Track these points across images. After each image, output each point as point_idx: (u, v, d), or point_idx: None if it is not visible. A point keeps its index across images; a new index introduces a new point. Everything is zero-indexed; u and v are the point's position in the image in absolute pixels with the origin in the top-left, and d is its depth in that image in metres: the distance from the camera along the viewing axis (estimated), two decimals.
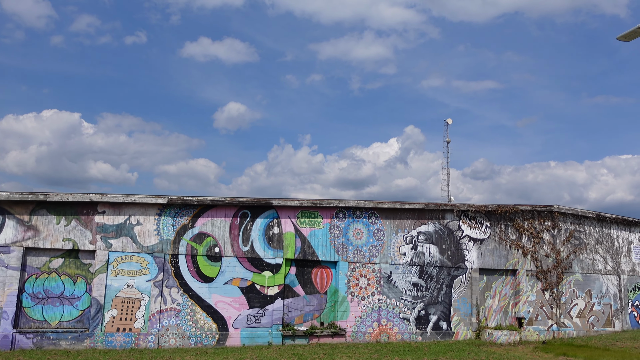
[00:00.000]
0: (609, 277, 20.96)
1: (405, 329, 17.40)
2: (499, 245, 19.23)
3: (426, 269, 18.01)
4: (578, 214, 20.65)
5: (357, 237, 17.37)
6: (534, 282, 19.51)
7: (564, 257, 20.17)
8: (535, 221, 19.95)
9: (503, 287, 19.28)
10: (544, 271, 19.68)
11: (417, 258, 17.95)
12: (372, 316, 17.09)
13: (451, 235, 18.58)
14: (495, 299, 19.07)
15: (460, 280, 18.42)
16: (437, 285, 18.08)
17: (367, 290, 17.18)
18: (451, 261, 18.38)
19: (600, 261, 20.90)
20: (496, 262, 19.08)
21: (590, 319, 20.26)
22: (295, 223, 16.69)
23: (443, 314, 18.00)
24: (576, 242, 20.59)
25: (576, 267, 20.37)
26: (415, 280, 17.83)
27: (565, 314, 19.83)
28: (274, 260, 16.26)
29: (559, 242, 20.23)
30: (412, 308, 17.63)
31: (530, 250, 19.62)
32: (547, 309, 19.52)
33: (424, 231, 18.24)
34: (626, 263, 21.43)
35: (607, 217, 21.22)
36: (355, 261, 17.18)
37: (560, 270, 19.99)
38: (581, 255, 20.55)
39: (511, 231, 19.52)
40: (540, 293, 19.54)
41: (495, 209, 19.22)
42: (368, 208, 17.63)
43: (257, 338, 15.68)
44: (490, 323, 18.80)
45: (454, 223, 18.69)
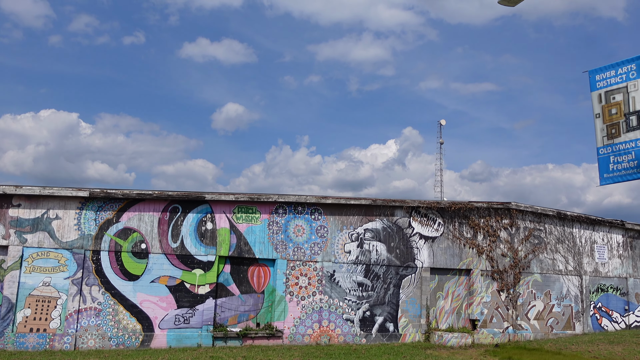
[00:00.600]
0: (570, 277, 20.15)
1: (348, 330, 16.56)
2: (453, 243, 18.41)
3: (373, 268, 17.18)
4: (538, 212, 19.84)
5: (299, 234, 16.53)
6: (489, 283, 18.69)
7: (522, 257, 19.35)
8: (492, 219, 19.14)
9: (456, 287, 18.45)
10: (500, 271, 18.86)
11: (363, 256, 17.12)
12: (312, 317, 16.24)
13: (401, 232, 17.75)
14: (448, 300, 18.25)
15: (409, 280, 17.59)
16: (384, 285, 17.25)
17: (308, 289, 16.34)
18: (400, 260, 17.55)
19: (561, 261, 20.09)
20: (449, 261, 18.26)
21: (549, 321, 19.44)
22: (230, 218, 15.84)
23: (390, 315, 17.16)
24: (536, 241, 19.77)
25: (535, 267, 19.55)
26: (360, 279, 16.99)
27: (523, 315, 19.01)
28: (205, 257, 15.41)
29: (517, 241, 19.42)
30: (357, 309, 16.79)
31: (486, 249, 18.81)
32: (502, 311, 18.69)
33: (371, 228, 17.41)
34: (589, 263, 20.62)
35: (569, 215, 20.41)
36: (296, 259, 16.34)
37: (518, 270, 19.17)
38: (541, 254, 19.74)
39: (466, 229, 18.70)
40: (495, 294, 18.72)
41: (449, 205, 18.40)
42: (310, 204, 16.80)
43: (186, 339, 14.82)
44: (441, 325, 17.97)
45: (404, 220, 17.86)
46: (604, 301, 20.62)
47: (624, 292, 21.04)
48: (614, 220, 21.30)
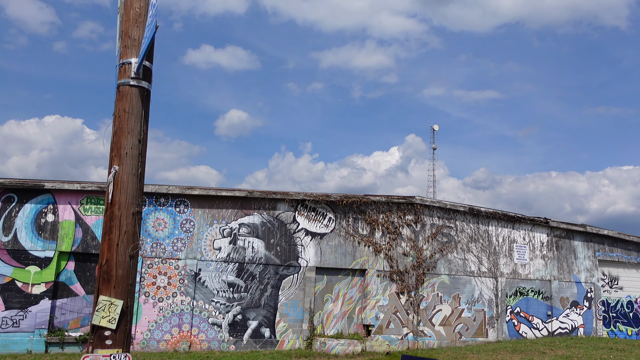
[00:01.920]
0: (483, 279, 18.38)
1: (214, 336, 14.87)
2: (345, 241, 16.72)
3: (247, 267, 15.51)
4: (447, 207, 18.13)
5: (159, 228, 14.89)
6: (387, 284, 16.97)
7: (428, 256, 17.63)
8: (393, 215, 17.44)
9: (348, 289, 16.74)
10: (400, 272, 17.14)
11: (237, 254, 15.45)
12: (171, 321, 14.56)
13: (283, 228, 16.08)
14: (338, 303, 16.53)
15: (290, 281, 15.90)
16: (260, 285, 15.56)
17: (167, 290, 14.68)
18: (280, 258, 15.87)
19: (474, 262, 18.34)
20: (340, 260, 16.57)
21: (457, 327, 17.66)
22: (77, 210, 14.22)
23: (266, 320, 15.46)
24: (444, 239, 18.05)
25: (442, 267, 17.82)
26: (231, 279, 15.31)
27: (426, 321, 17.25)
28: (43, 253, 13.78)
29: (423, 239, 17.70)
30: (226, 312, 15.10)
31: (385, 247, 17.10)
32: (402, 315, 16.96)
33: (248, 223, 15.75)
34: (506, 264, 18.85)
35: (483, 211, 18.68)
36: (153, 256, 14.69)
37: (422, 271, 17.44)
38: (450, 254, 18.00)
39: (362, 225, 17.02)
40: (394, 297, 17.00)
41: (340, 199, 16.72)
42: (175, 195, 15.17)
43: (13, 345, 13.17)
44: (329, 330, 16.25)
45: (287, 214, 16.20)
46: (523, 306, 18.83)
47: (547, 296, 19.25)
48: (536, 218, 19.55)
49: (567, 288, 19.63)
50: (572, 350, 15.67)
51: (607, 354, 15.33)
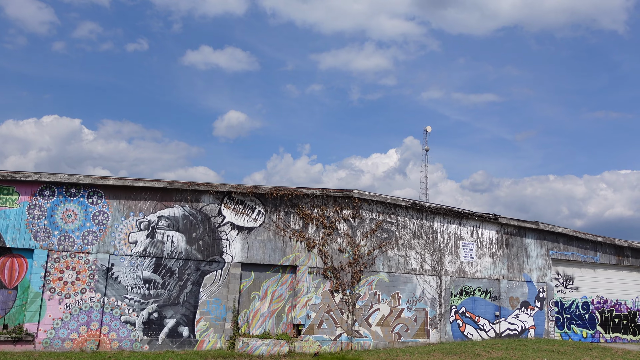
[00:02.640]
0: (426, 278, 17.53)
1: (127, 335, 14.00)
2: (275, 235, 15.87)
3: (166, 262, 14.66)
4: (387, 202, 17.28)
5: (69, 220, 14.04)
6: (320, 282, 16.12)
7: (366, 253, 16.78)
8: (329, 209, 16.60)
9: (278, 286, 15.88)
10: (334, 269, 16.29)
11: (154, 248, 14.60)
12: (79, 318, 13.71)
13: (207, 221, 15.24)
14: (266, 301, 15.67)
15: (213, 277, 15.05)
16: (179, 282, 14.71)
17: (76, 286, 13.82)
18: (203, 253, 15.02)
19: (416, 259, 17.49)
20: (269, 256, 15.72)
21: (396, 327, 16.80)
22: None
23: (185, 318, 14.61)
24: (385, 235, 17.20)
25: (381, 265, 16.96)
26: (148, 275, 14.46)
27: (362, 321, 16.40)
28: None
29: (361, 235, 16.86)
30: (140, 310, 14.25)
31: (319, 243, 16.26)
32: (336, 315, 16.10)
33: (168, 216, 14.91)
34: (452, 262, 17.99)
35: (427, 206, 17.83)
36: (61, 249, 13.84)
37: (359, 268, 16.59)
38: (390, 251, 17.16)
39: (294, 219, 16.17)
40: (328, 295, 16.15)
41: (270, 191, 15.88)
42: (87, 185, 14.32)
43: None
44: (255, 330, 15.39)
45: (212, 207, 15.36)
46: (469, 306, 17.96)
47: (495, 295, 18.39)
48: (485, 214, 18.70)
49: (517, 287, 18.78)
50: (509, 353, 14.82)
51: (544, 356, 14.48)
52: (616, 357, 14.82)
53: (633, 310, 20.82)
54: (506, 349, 15.48)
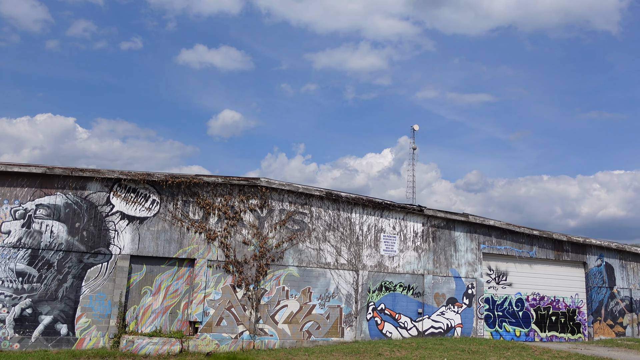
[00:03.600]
0: (341, 272, 16.47)
1: None
2: (172, 226, 14.78)
3: (43, 254, 13.54)
4: (299, 191, 16.21)
5: None
6: (220, 276, 15.04)
7: (274, 246, 15.71)
8: (234, 198, 15.52)
9: (173, 281, 14.79)
10: (237, 262, 15.21)
11: (30, 239, 13.48)
12: None
13: (93, 210, 14.13)
14: (159, 296, 14.57)
15: (98, 270, 13.94)
16: (58, 275, 13.59)
17: None
18: (87, 245, 13.92)
19: (331, 252, 16.42)
20: (164, 248, 14.63)
21: (306, 325, 15.74)
22: None
23: (64, 314, 13.49)
24: (296, 227, 16.13)
25: (291, 258, 15.90)
26: (22, 267, 13.34)
27: (267, 318, 15.32)
28: None
29: (269, 226, 15.78)
30: (12, 305, 13.13)
31: (221, 234, 15.17)
32: (238, 311, 15.03)
33: (47, 204, 13.79)
34: (371, 256, 16.93)
35: (344, 197, 16.76)
36: None
37: (265, 262, 15.52)
38: (302, 243, 16.09)
39: (194, 209, 15.08)
40: (229, 290, 15.07)
41: (165, 179, 14.78)
42: None
43: None
44: (145, 328, 14.29)
45: (100, 195, 14.25)
46: (389, 302, 16.91)
47: (419, 291, 17.34)
48: (408, 205, 17.65)
49: (443, 283, 17.74)
50: (413, 353, 13.77)
51: (453, 356, 13.44)
52: (531, 356, 13.78)
53: (572, 308, 19.83)
54: (415, 348, 14.44)
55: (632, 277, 21.25)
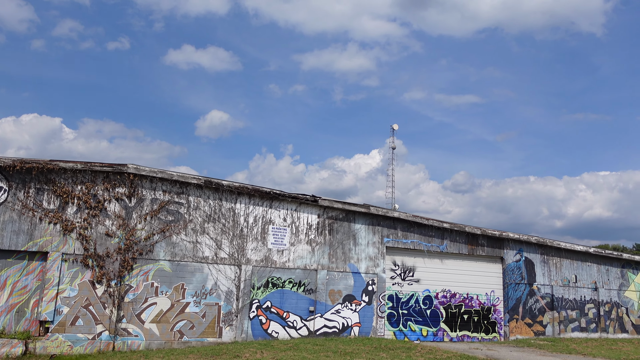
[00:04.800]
0: (221, 267, 15.17)
1: None
2: (21, 216, 13.41)
3: None
4: (174, 179, 14.91)
5: None
6: (77, 271, 13.69)
7: (143, 238, 14.38)
8: (97, 186, 14.18)
9: (22, 276, 13.41)
10: (98, 256, 13.86)
11: None
12: None
13: None
14: (4, 293, 13.19)
15: None
16: None
17: None
18: None
19: (210, 246, 15.13)
20: (10, 240, 13.26)
21: (178, 325, 14.41)
22: None
23: None
24: (170, 217, 14.82)
25: (163, 252, 14.58)
26: None
27: (132, 317, 13.98)
28: None
29: (138, 217, 14.46)
30: None
31: (80, 225, 13.82)
32: (98, 310, 13.67)
33: None
34: (257, 250, 15.65)
35: (226, 185, 15.49)
36: None
37: (131, 256, 14.19)
38: (176, 236, 14.78)
39: (49, 198, 13.72)
40: (88, 286, 13.72)
41: (13, 163, 13.41)
42: None
43: None
44: None
45: None
46: (277, 300, 15.64)
47: (311, 288, 16.09)
48: (301, 195, 16.40)
49: (340, 279, 16.49)
50: (280, 354, 12.49)
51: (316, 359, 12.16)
52: (408, 357, 12.55)
53: (487, 306, 18.67)
54: (286, 349, 13.16)
55: (555, 273, 20.16)
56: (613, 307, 21.27)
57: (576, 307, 20.40)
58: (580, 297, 20.58)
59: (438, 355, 12.94)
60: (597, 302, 20.92)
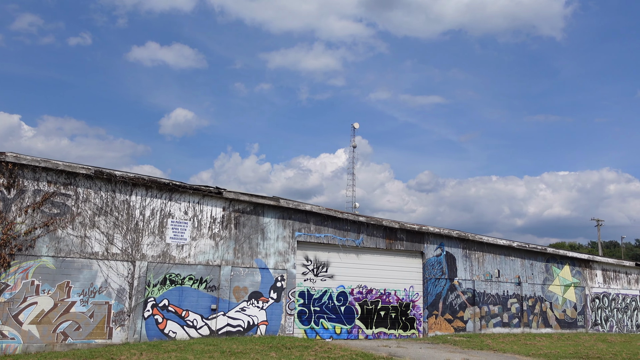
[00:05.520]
0: (113, 264, 14.18)
1: None
2: None
3: None
4: (59, 169, 13.84)
5: None
6: None
7: (22, 232, 13.27)
8: None
9: None
10: None
11: None
12: None
13: None
14: None
15: None
16: None
17: None
18: None
19: (100, 240, 14.12)
20: None
21: (61, 326, 13.36)
22: None
23: None
24: (55, 210, 13.74)
25: (45, 247, 13.50)
26: None
27: (8, 318, 12.87)
28: None
29: (18, 210, 13.34)
30: None
31: None
32: None
33: None
34: (153, 245, 14.72)
35: (120, 176, 14.51)
36: None
37: (8, 252, 13.07)
38: (62, 230, 13.72)
39: None
40: None
41: None
42: None
43: None
44: None
45: None
46: (175, 298, 14.74)
47: (214, 285, 15.25)
48: (203, 187, 15.54)
49: (246, 275, 15.70)
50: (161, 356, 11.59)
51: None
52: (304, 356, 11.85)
53: (405, 302, 18.16)
54: (173, 350, 12.30)
55: (477, 267, 19.83)
56: (537, 301, 21.10)
57: (499, 302, 20.12)
58: (503, 291, 20.31)
59: (333, 354, 12.28)
60: (520, 297, 20.71)
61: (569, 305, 22.00)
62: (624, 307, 23.84)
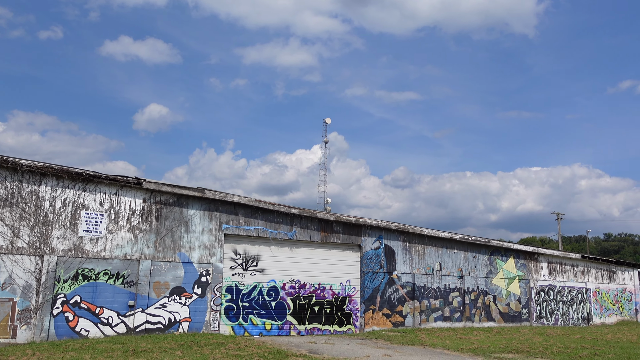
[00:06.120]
0: (19, 258, 13.32)
1: None
2: None
3: None
4: None
5: None
6: None
7: None
8: None
9: None
10: None
11: None
12: None
13: None
14: None
15: None
16: None
17: None
18: None
19: (5, 234, 13.26)
20: None
21: None
22: None
23: None
24: None
25: None
26: None
27: None
28: None
29: None
30: None
31: None
32: None
33: None
34: (64, 238, 13.88)
35: (27, 165, 13.62)
36: None
37: None
38: None
39: None
40: None
41: None
42: None
43: None
44: None
45: None
46: (88, 294, 13.95)
47: (132, 280, 14.48)
48: (120, 177, 14.75)
49: (167, 270, 14.97)
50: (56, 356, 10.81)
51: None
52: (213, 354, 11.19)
53: (341, 297, 17.64)
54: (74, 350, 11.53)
55: (418, 260, 19.41)
56: (480, 295, 20.80)
57: (440, 296, 19.74)
58: (444, 285, 19.95)
59: (245, 352, 11.66)
60: (462, 291, 20.37)
61: (513, 298, 21.77)
62: (570, 300, 23.75)
